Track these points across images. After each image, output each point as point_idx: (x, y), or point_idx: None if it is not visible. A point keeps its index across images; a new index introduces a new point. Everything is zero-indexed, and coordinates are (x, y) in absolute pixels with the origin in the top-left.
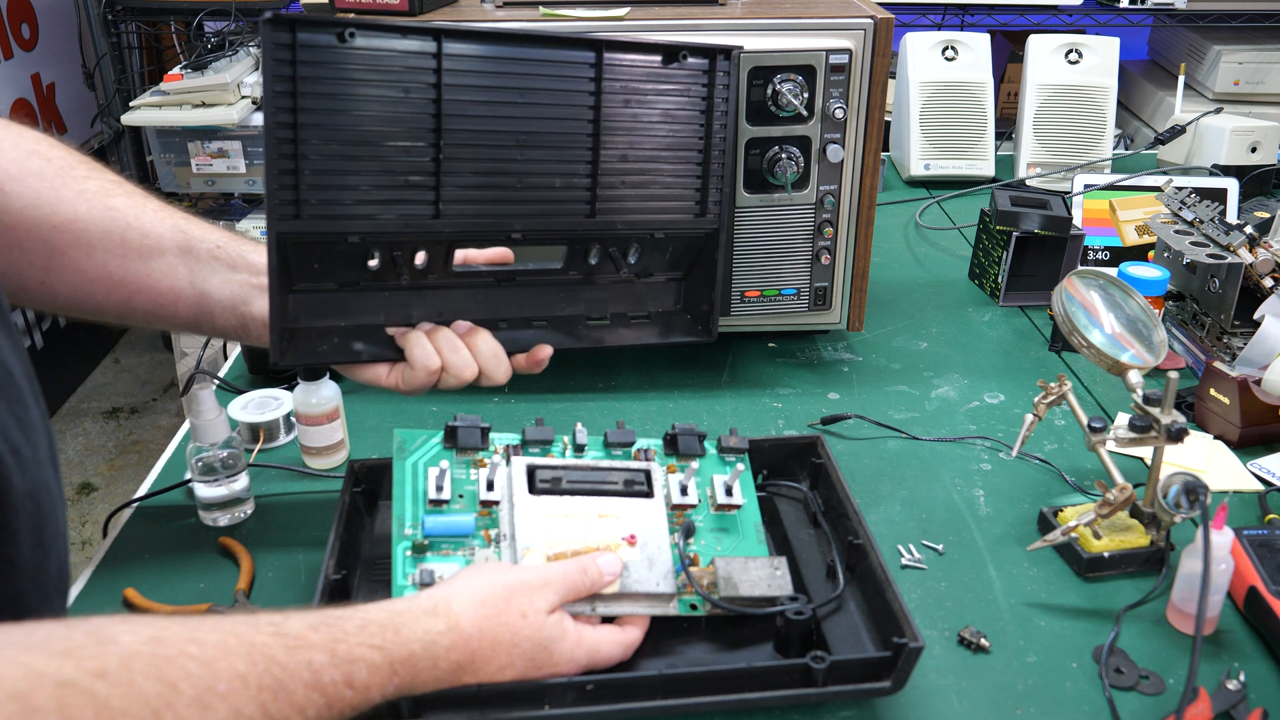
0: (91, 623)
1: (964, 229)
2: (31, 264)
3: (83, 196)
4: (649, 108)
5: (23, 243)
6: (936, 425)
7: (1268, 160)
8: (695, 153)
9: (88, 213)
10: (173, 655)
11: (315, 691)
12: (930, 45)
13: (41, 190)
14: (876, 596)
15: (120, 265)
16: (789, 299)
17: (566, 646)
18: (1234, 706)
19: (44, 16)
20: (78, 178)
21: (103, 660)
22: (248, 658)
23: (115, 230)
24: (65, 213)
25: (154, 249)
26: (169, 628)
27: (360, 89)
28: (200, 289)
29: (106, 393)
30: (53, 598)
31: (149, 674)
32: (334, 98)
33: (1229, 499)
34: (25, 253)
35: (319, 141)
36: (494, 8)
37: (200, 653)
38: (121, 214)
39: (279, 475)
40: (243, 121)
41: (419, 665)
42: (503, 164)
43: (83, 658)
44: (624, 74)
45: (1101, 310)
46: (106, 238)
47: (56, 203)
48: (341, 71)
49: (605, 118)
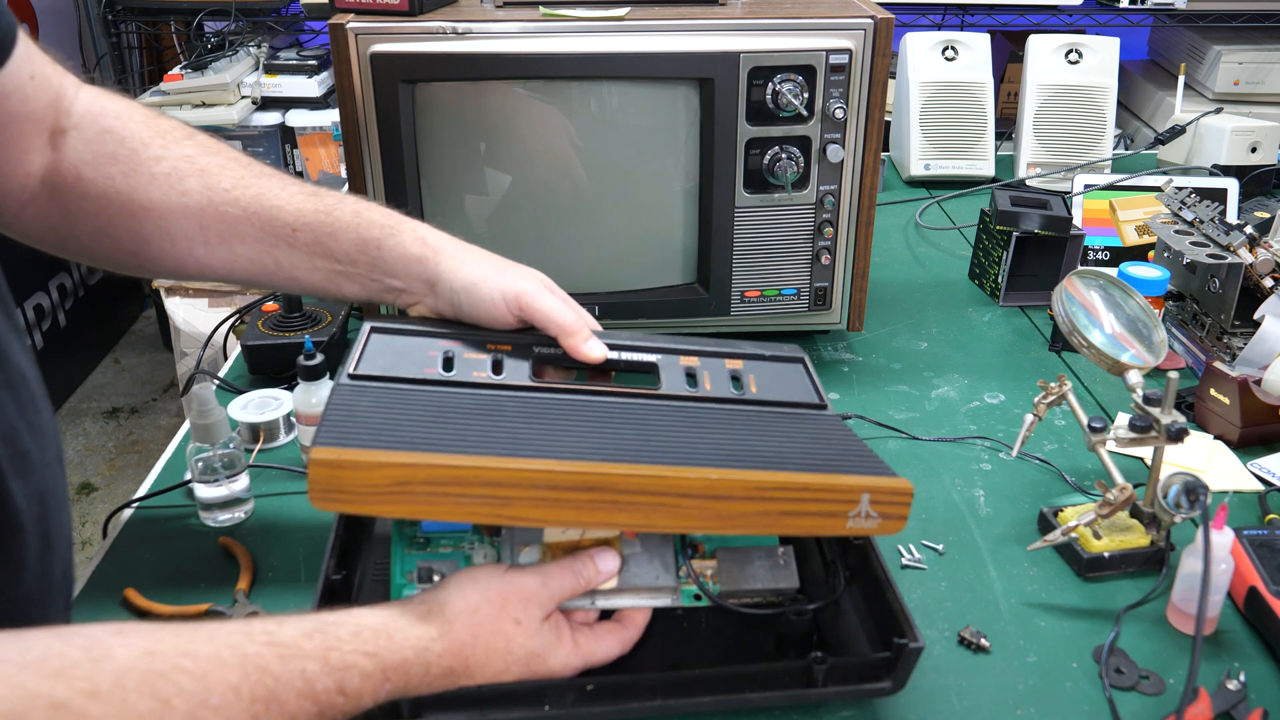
0: (87, 634)
1: (964, 229)
2: (121, 249)
3: (155, 182)
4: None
5: (107, 229)
6: (936, 425)
7: (1268, 160)
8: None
9: (162, 199)
10: (165, 670)
11: (308, 700)
12: (930, 45)
13: (115, 176)
14: (877, 597)
15: (205, 251)
16: (789, 299)
17: (561, 653)
18: (1234, 706)
19: (44, 16)
20: (150, 159)
21: (95, 680)
22: (240, 669)
23: (191, 218)
24: (140, 200)
25: (233, 234)
26: (163, 639)
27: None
28: (289, 274)
29: (106, 393)
30: (57, 600)
31: (141, 691)
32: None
33: (1229, 499)
34: (113, 239)
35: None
36: (494, 7)
37: (193, 666)
38: (194, 200)
39: (279, 475)
40: (243, 121)
41: (412, 671)
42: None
43: (75, 677)
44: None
45: (1101, 310)
46: (184, 225)
47: (130, 191)
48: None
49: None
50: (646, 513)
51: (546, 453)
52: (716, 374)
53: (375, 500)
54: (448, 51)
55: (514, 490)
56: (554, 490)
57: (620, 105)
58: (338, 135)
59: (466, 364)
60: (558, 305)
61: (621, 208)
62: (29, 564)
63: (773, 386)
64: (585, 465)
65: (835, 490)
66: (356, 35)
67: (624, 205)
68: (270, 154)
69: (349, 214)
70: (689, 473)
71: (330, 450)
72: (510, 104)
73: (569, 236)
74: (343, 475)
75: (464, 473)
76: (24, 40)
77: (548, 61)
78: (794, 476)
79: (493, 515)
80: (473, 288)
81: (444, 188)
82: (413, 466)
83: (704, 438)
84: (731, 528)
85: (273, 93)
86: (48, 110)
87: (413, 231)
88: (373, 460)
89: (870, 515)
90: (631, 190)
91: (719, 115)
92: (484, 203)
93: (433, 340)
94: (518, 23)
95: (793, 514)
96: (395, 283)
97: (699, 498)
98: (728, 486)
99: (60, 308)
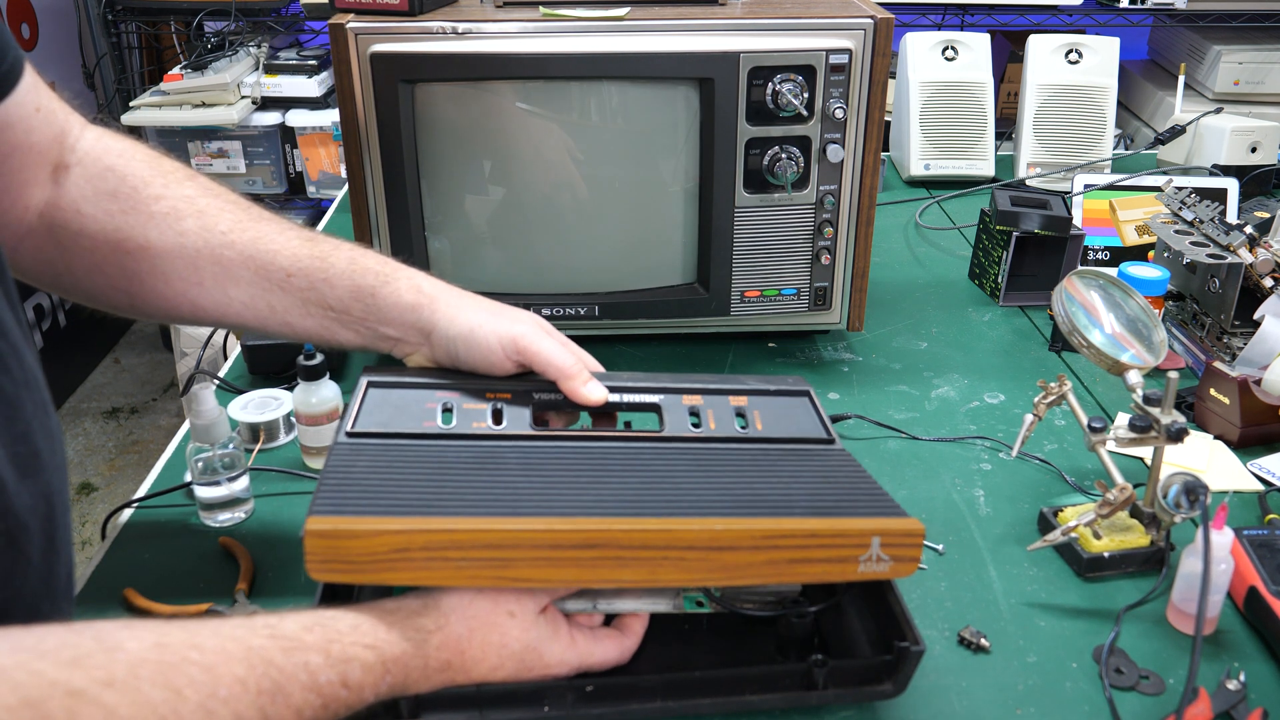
0: (97, 628)
1: (964, 229)
2: (114, 288)
3: (152, 221)
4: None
5: (102, 267)
6: (936, 425)
7: (1268, 160)
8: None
9: (159, 239)
10: (176, 661)
11: (312, 693)
12: (930, 45)
13: (114, 213)
14: (878, 599)
15: (199, 293)
16: (789, 299)
17: (557, 647)
18: (1234, 706)
19: (44, 16)
20: (149, 198)
21: (110, 669)
22: (246, 662)
23: (186, 258)
24: (137, 239)
25: (228, 276)
26: (170, 633)
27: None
28: (283, 319)
29: (106, 393)
30: (61, 602)
31: (155, 681)
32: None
33: (1229, 499)
34: (107, 277)
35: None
36: (494, 7)
37: (201, 658)
38: (190, 241)
39: (279, 475)
40: (243, 121)
41: (411, 665)
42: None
43: (91, 666)
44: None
45: (1101, 310)
46: (179, 265)
47: (128, 228)
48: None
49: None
50: (651, 568)
51: (547, 509)
52: (720, 412)
53: (375, 569)
54: (448, 51)
55: (515, 551)
56: (556, 550)
57: (620, 105)
58: (338, 135)
59: (466, 415)
60: (555, 348)
61: (621, 208)
62: (34, 562)
63: (778, 422)
64: (586, 522)
65: (844, 535)
66: (356, 35)
67: (624, 205)
68: (270, 154)
69: (344, 261)
70: (693, 524)
71: (326, 520)
72: (510, 104)
73: (569, 236)
74: (340, 545)
75: (463, 536)
76: (31, 74)
77: (548, 61)
78: (801, 523)
79: (495, 577)
80: (469, 335)
81: (444, 188)
82: (411, 533)
83: (709, 483)
84: (740, 578)
85: (273, 93)
86: (51, 145)
87: (408, 280)
88: (370, 529)
89: (881, 559)
90: (631, 190)
91: (719, 115)
92: (484, 203)
93: (430, 392)
94: (518, 23)
95: (801, 561)
96: (390, 331)
97: (704, 549)
98: (733, 537)
99: (60, 308)
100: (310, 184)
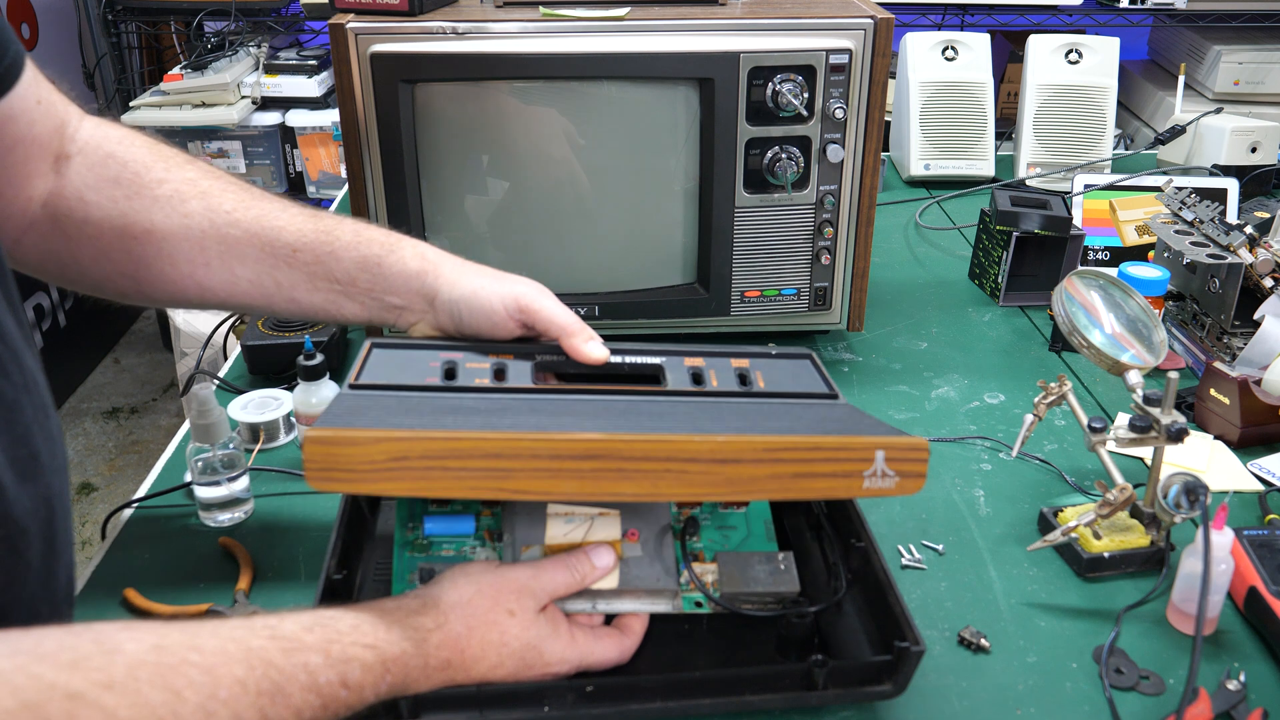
0: (95, 630)
1: (964, 229)
2: (121, 273)
3: (157, 204)
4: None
5: (109, 253)
6: (936, 425)
7: (1268, 160)
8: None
9: (164, 222)
10: (175, 663)
11: (311, 693)
12: (930, 45)
13: (118, 199)
14: (878, 599)
15: (205, 274)
16: (789, 299)
17: (558, 645)
18: (1234, 707)
19: (44, 16)
20: (152, 182)
21: (109, 671)
22: (246, 663)
23: (192, 239)
24: (142, 223)
25: (234, 255)
26: (169, 634)
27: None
28: (289, 295)
29: (106, 393)
30: (61, 605)
31: (154, 683)
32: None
33: (1229, 499)
34: (114, 263)
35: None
36: (494, 7)
37: (201, 659)
38: (196, 222)
39: (279, 475)
40: (243, 121)
41: (411, 664)
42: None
43: (90, 669)
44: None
45: (1101, 310)
46: (185, 247)
47: (133, 213)
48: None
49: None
50: (654, 480)
51: (550, 429)
52: (723, 373)
53: (373, 477)
54: (448, 51)
55: (515, 462)
56: (557, 460)
57: (620, 105)
58: (338, 135)
59: (468, 372)
60: (558, 307)
61: (622, 208)
62: (33, 565)
63: (782, 381)
64: (589, 434)
65: (848, 448)
66: (356, 35)
67: (624, 205)
68: (270, 154)
69: (349, 233)
70: (696, 437)
71: (326, 430)
72: (510, 104)
73: (569, 236)
74: (339, 452)
75: (463, 445)
76: (32, 67)
77: (548, 61)
78: (805, 438)
79: (495, 489)
80: (472, 296)
81: (444, 188)
82: (410, 440)
83: (713, 422)
84: (743, 493)
85: (273, 93)
86: (53, 136)
87: (412, 248)
88: (369, 436)
89: (887, 474)
90: (631, 190)
91: (719, 115)
92: (484, 202)
93: (434, 353)
94: (518, 23)
95: (806, 475)
96: (395, 300)
97: (707, 461)
98: (736, 449)
99: (60, 308)
100: (310, 184)
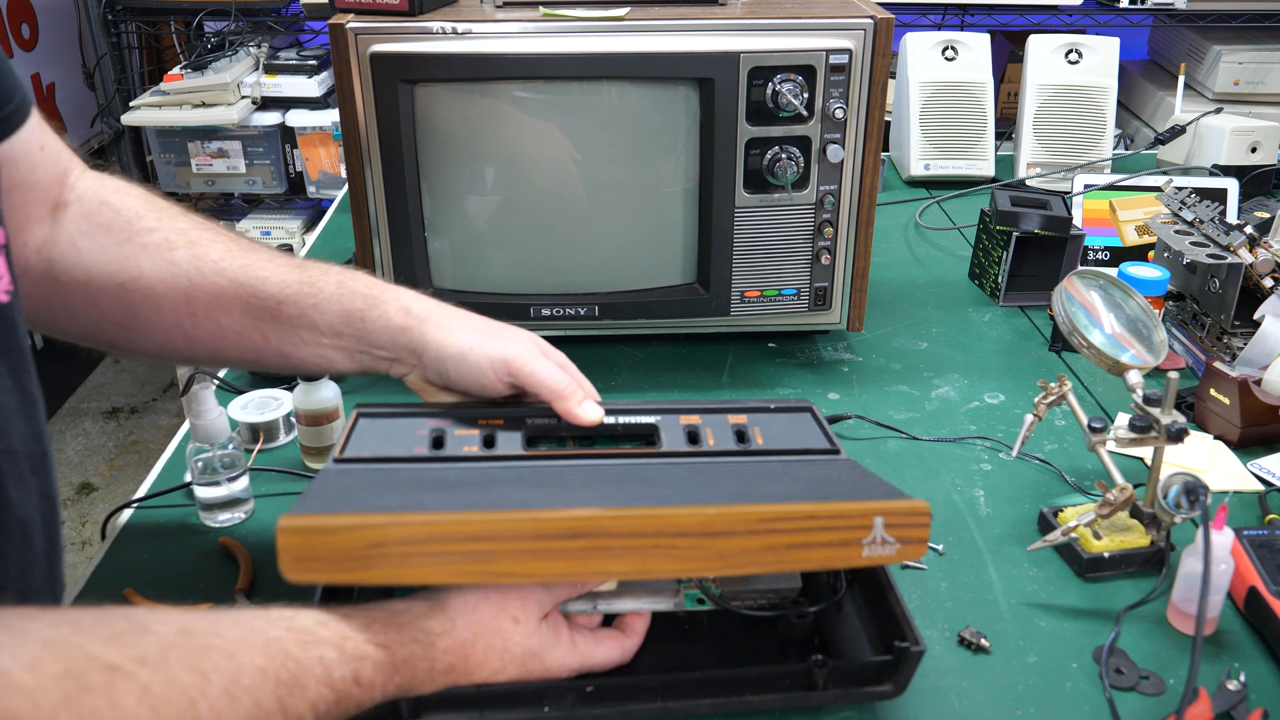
0: (124, 611)
1: (964, 229)
2: (110, 321)
3: (145, 252)
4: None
5: (97, 301)
6: (936, 425)
7: (1268, 160)
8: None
9: (151, 269)
10: (201, 647)
11: (326, 688)
12: (930, 45)
13: (108, 245)
14: (878, 599)
15: (192, 324)
16: (789, 299)
17: (559, 652)
18: (1234, 707)
19: (44, 16)
20: (143, 230)
21: (142, 648)
22: (265, 652)
23: (179, 288)
24: (130, 270)
25: (219, 306)
26: (193, 620)
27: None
28: (277, 349)
29: (106, 393)
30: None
31: (184, 663)
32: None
33: (1229, 499)
34: (102, 311)
35: None
36: (494, 8)
37: (224, 645)
38: (182, 270)
39: (279, 475)
40: (243, 121)
41: (418, 666)
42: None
43: (126, 644)
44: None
45: (1101, 310)
46: (172, 295)
47: (121, 259)
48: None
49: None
50: (642, 558)
51: (533, 506)
52: (720, 430)
53: (350, 567)
54: (448, 52)
55: (498, 544)
56: (541, 540)
57: (620, 105)
58: (338, 135)
59: (457, 440)
60: (549, 369)
61: (622, 207)
62: (39, 558)
63: (780, 437)
64: (572, 511)
65: (845, 516)
66: (356, 35)
67: (624, 205)
68: (270, 154)
69: (333, 285)
70: (684, 510)
71: (299, 518)
72: (510, 104)
73: (569, 236)
74: (314, 541)
75: (442, 529)
76: (37, 115)
77: (548, 61)
78: (800, 506)
79: (478, 572)
80: (460, 357)
81: (444, 187)
82: (388, 527)
83: (707, 488)
84: (736, 567)
85: (273, 93)
86: (54, 184)
87: (396, 301)
88: (344, 524)
89: (887, 540)
90: (632, 190)
91: (719, 115)
92: (484, 203)
93: (421, 420)
94: (518, 23)
95: (801, 546)
96: (382, 353)
97: (697, 535)
98: (727, 521)
99: None
100: (310, 184)
